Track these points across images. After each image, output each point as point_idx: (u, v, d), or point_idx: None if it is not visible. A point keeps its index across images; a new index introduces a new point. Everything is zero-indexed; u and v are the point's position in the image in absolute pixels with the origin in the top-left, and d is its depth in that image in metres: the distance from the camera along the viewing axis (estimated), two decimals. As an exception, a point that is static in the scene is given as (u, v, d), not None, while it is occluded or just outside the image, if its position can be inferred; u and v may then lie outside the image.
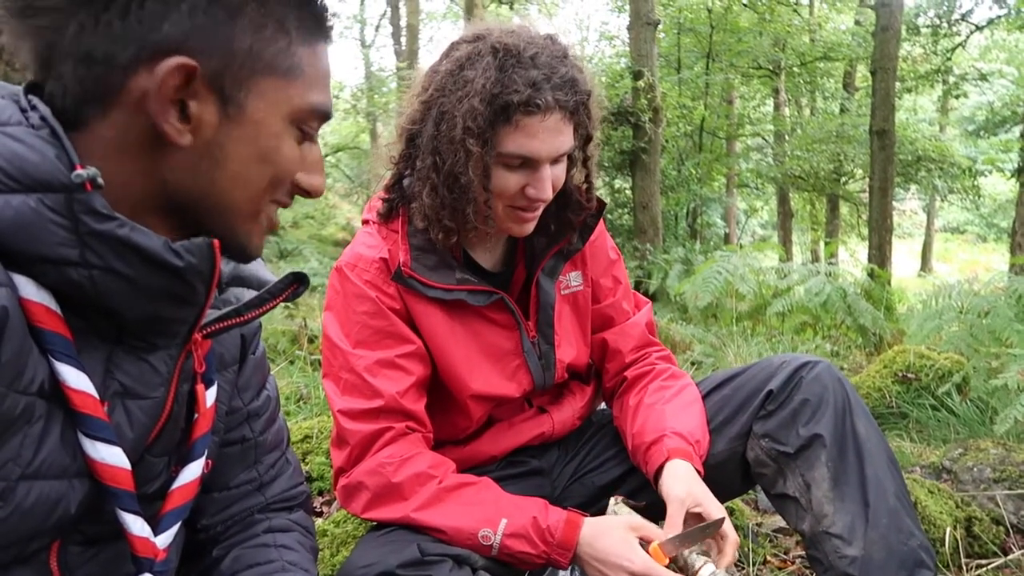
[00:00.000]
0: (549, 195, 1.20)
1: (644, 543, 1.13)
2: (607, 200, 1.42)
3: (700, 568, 1.11)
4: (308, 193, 0.81)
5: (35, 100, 0.71)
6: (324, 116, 0.79)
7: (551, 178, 1.20)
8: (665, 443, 1.27)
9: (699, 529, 1.13)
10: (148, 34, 0.67)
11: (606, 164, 10.66)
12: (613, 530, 1.14)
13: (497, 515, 1.16)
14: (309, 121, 0.78)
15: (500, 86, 1.12)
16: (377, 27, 22.65)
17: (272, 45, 0.72)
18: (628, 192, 11.71)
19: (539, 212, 1.25)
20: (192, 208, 0.75)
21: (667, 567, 1.11)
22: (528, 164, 1.18)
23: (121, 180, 0.70)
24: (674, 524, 1.17)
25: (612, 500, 1.26)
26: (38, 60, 0.70)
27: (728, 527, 1.17)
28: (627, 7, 10.71)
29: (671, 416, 1.32)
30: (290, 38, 0.73)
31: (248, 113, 0.73)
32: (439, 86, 1.19)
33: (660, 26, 11.19)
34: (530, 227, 1.27)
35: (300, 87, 0.75)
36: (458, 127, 1.15)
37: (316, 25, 0.76)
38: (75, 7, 0.66)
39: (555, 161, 1.20)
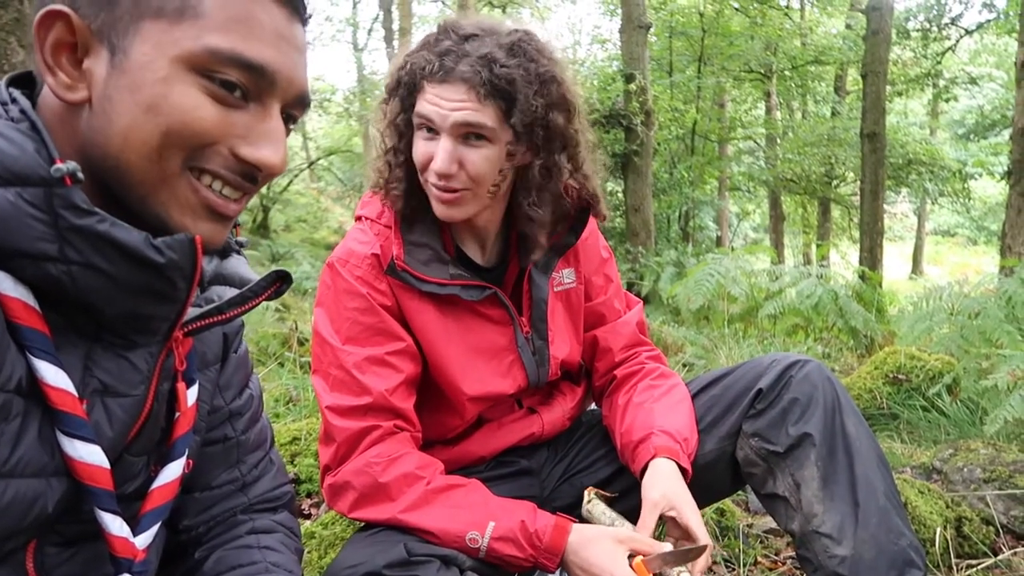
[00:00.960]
0: (442, 166, 1.17)
1: (632, 555, 1.12)
2: (600, 198, 1.41)
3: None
4: (256, 167, 0.73)
5: (16, 93, 0.70)
6: (247, 67, 0.70)
7: (455, 155, 1.18)
8: (652, 441, 1.26)
9: (686, 551, 1.12)
10: None
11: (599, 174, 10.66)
12: (599, 541, 1.13)
13: (485, 518, 1.15)
14: (216, 68, 0.69)
15: (415, 54, 1.20)
16: (369, 31, 22.66)
17: None
18: (620, 195, 11.73)
19: (460, 197, 1.21)
20: (103, 178, 0.70)
21: None
22: (434, 132, 1.20)
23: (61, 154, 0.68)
24: (646, 526, 1.17)
25: (586, 494, 1.25)
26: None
27: (702, 533, 1.16)
28: (619, 11, 10.73)
29: (659, 415, 1.32)
30: None
31: (132, 59, 0.67)
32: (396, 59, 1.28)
33: (652, 29, 11.23)
34: (454, 212, 1.23)
35: (193, 28, 0.68)
36: (383, 91, 1.26)
37: None
38: None
39: (465, 140, 1.18)
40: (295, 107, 0.77)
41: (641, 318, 1.53)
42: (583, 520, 1.24)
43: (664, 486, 1.20)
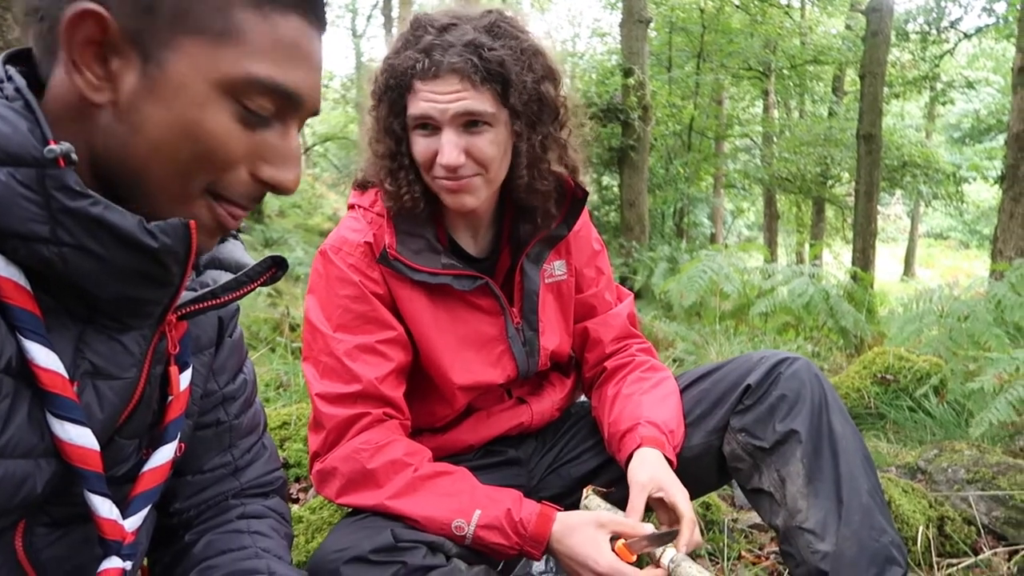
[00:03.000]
0: (452, 159, 1.18)
1: (614, 537, 1.14)
2: (594, 197, 1.42)
3: (661, 554, 1.12)
4: (274, 189, 0.74)
5: (11, 71, 0.69)
6: (281, 95, 0.70)
7: (462, 145, 1.19)
8: (638, 431, 1.27)
9: (666, 532, 1.13)
10: None
11: (594, 160, 10.67)
12: (582, 528, 1.14)
13: (471, 506, 1.16)
14: (251, 95, 0.69)
15: (397, 55, 1.19)
16: (369, 17, 22.55)
17: (203, 3, 0.66)
18: (616, 189, 11.73)
19: (471, 185, 1.22)
20: (117, 181, 0.70)
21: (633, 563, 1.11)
22: (433, 129, 1.20)
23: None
24: (635, 509, 1.17)
25: (584, 492, 1.26)
26: (21, 22, 0.69)
27: (686, 509, 1.17)
28: (619, 4, 10.71)
29: (647, 406, 1.32)
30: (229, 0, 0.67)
31: (168, 74, 0.66)
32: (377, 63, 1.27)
33: (652, 24, 11.21)
34: (467, 200, 1.24)
35: (235, 52, 0.67)
36: (369, 97, 1.24)
37: None
38: None
39: (467, 129, 1.19)
40: (308, 118, 0.77)
41: (632, 311, 1.54)
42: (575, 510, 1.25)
43: (651, 470, 1.21)
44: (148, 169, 0.69)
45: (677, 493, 1.19)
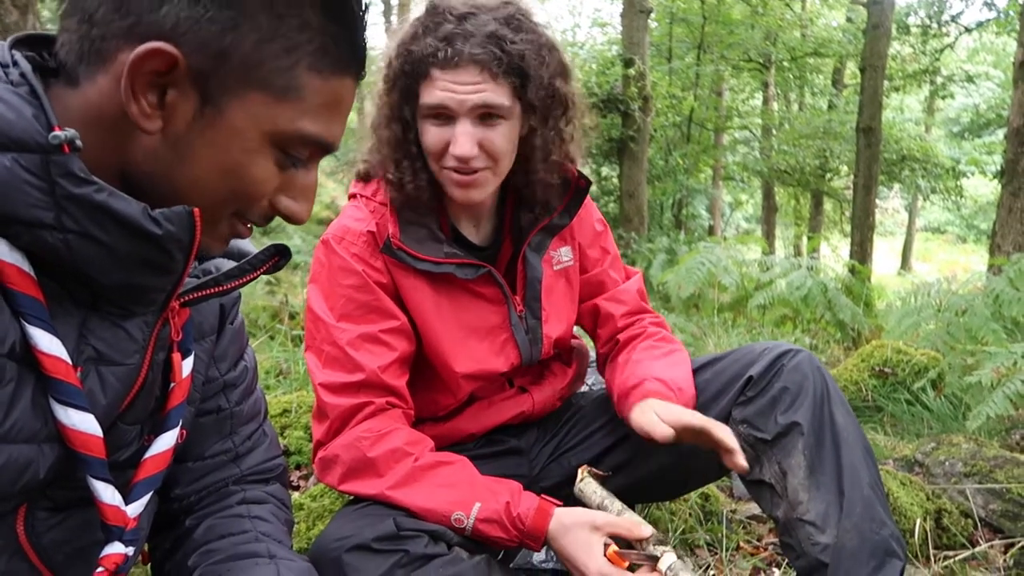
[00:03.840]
0: (466, 151, 1.17)
1: (613, 537, 1.13)
2: (593, 187, 1.42)
3: (662, 555, 1.11)
4: (288, 218, 0.77)
5: (17, 56, 0.69)
6: (320, 147, 0.75)
7: (476, 137, 1.18)
8: (645, 386, 1.27)
9: (655, 555, 1.12)
10: (146, 11, 0.64)
11: (594, 151, 10.65)
12: (576, 529, 1.13)
13: (471, 498, 1.16)
14: (296, 147, 0.73)
15: (414, 40, 1.16)
16: (369, 3, 22.40)
17: (273, 62, 0.68)
18: (615, 180, 11.71)
19: (481, 178, 1.22)
20: (151, 193, 0.71)
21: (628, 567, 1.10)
22: (447, 119, 1.18)
23: (89, 145, 0.67)
24: (666, 431, 1.17)
25: (580, 472, 1.26)
26: (60, 6, 0.68)
27: (719, 430, 1.17)
28: (621, -6, 10.64)
29: (656, 367, 1.32)
30: (296, 61, 0.69)
31: (226, 119, 0.69)
32: (385, 47, 1.25)
33: (653, 15, 11.16)
34: (475, 194, 1.24)
35: (292, 110, 0.71)
36: (379, 81, 1.21)
37: (337, 60, 0.72)
38: None
39: (483, 121, 1.18)
40: None
41: (641, 286, 1.54)
42: (575, 498, 1.25)
43: (658, 408, 1.21)
44: (187, 195, 0.72)
45: (703, 419, 1.17)
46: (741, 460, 1.16)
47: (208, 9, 0.65)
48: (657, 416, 1.20)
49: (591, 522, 1.14)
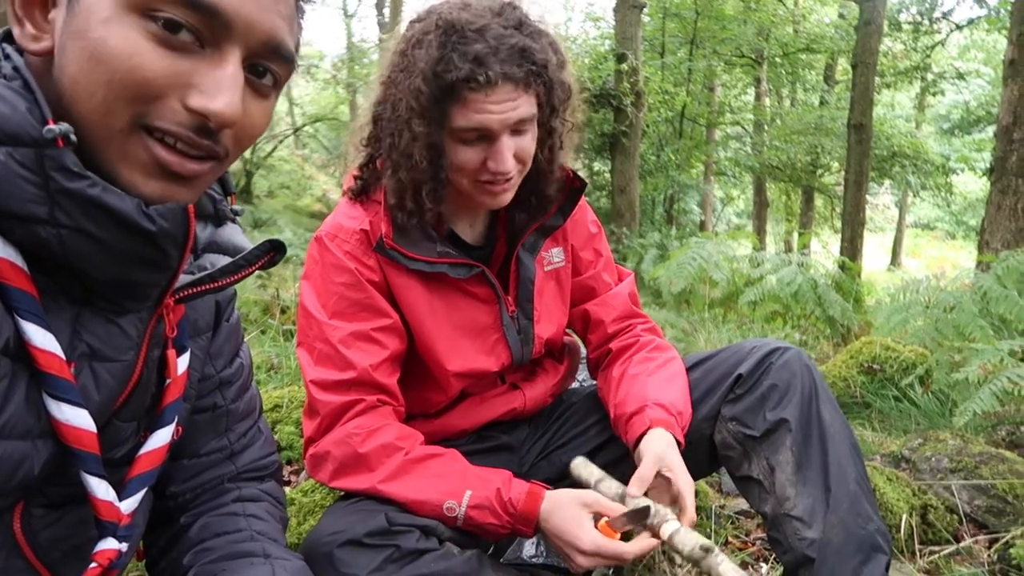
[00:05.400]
0: (510, 166, 1.18)
1: (597, 516, 1.15)
2: (586, 181, 1.42)
3: (660, 526, 1.13)
4: (207, 119, 0.66)
5: (9, 49, 0.68)
6: (197, 7, 0.64)
7: (513, 149, 1.18)
8: (647, 413, 1.28)
9: (643, 509, 1.14)
10: None
11: (586, 146, 10.65)
12: (566, 507, 1.15)
13: (462, 487, 1.17)
14: (156, 4, 0.63)
15: (442, 64, 1.11)
16: (360, -4, 22.26)
17: None
18: (607, 175, 11.73)
19: (512, 183, 1.23)
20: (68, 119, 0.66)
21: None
22: (485, 137, 1.17)
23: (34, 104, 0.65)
24: (644, 477, 1.18)
25: (578, 457, 1.28)
26: None
27: (689, 499, 1.19)
28: (614, -12, 10.63)
29: (654, 387, 1.33)
30: None
31: (82, 2, 0.64)
32: (392, 67, 1.20)
33: (646, 9, 11.15)
34: (506, 198, 1.25)
35: None
36: (403, 108, 1.16)
37: None
38: None
39: (515, 131, 1.19)
40: (266, 58, 0.70)
41: (633, 289, 1.55)
42: (571, 478, 1.26)
43: (665, 449, 1.22)
44: (76, 107, 0.65)
45: (684, 482, 1.20)
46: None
47: None
48: (655, 456, 1.20)
49: (580, 499, 1.16)
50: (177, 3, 0.63)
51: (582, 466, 1.26)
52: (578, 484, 1.26)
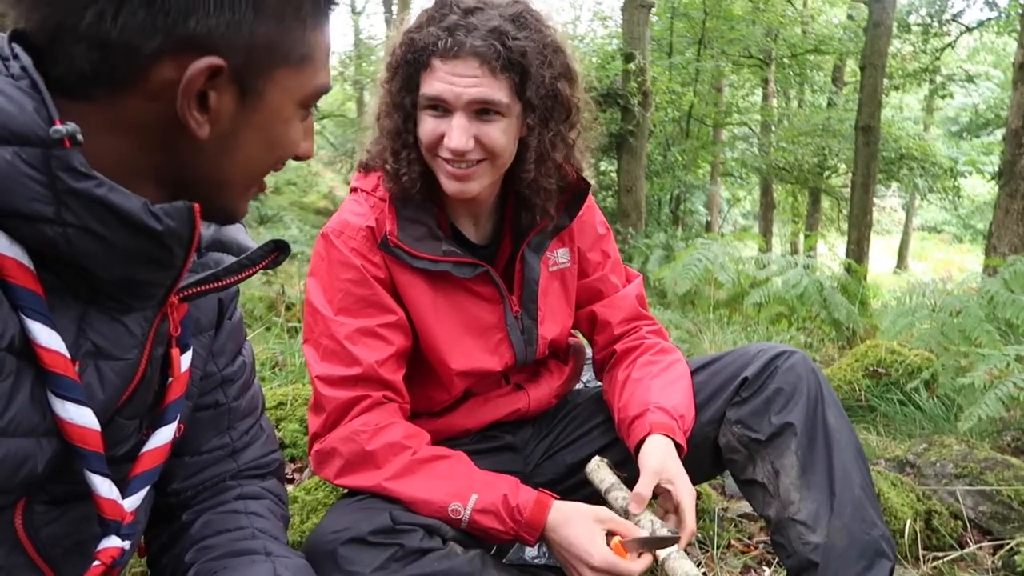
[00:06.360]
0: (461, 144, 1.17)
1: (609, 534, 1.14)
2: (592, 182, 1.42)
3: (664, 547, 1.12)
4: (299, 158, 0.82)
5: (18, 49, 0.68)
6: (326, 92, 0.80)
7: (472, 131, 1.18)
8: (648, 417, 1.28)
9: (663, 538, 1.13)
10: (174, 27, 0.65)
11: (592, 145, 10.62)
12: (580, 520, 1.14)
13: (468, 490, 1.17)
14: (313, 101, 0.79)
15: (419, 30, 1.17)
16: (368, -6, 22.27)
17: (289, 35, 0.72)
18: (613, 175, 11.70)
19: (476, 173, 1.22)
20: (193, 185, 0.75)
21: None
22: (444, 111, 1.18)
23: (118, 152, 0.69)
24: (642, 494, 1.18)
25: (595, 459, 1.27)
26: (44, 33, 0.66)
27: (690, 510, 1.18)
28: (622, -12, 10.60)
29: (656, 391, 1.33)
30: (304, 25, 0.73)
31: (266, 101, 0.73)
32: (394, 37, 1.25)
33: (654, 9, 11.12)
34: (470, 187, 1.23)
35: (311, 73, 0.76)
36: (383, 70, 1.23)
37: (322, 9, 0.75)
38: None
39: (479, 115, 1.18)
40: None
41: (641, 292, 1.54)
42: (570, 494, 1.26)
43: (662, 459, 1.22)
44: (235, 176, 0.77)
45: (685, 494, 1.19)
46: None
47: (233, 11, 0.67)
48: (653, 471, 1.20)
49: (594, 514, 1.15)
50: (322, 94, 0.80)
51: (596, 469, 1.26)
52: (587, 483, 1.25)
